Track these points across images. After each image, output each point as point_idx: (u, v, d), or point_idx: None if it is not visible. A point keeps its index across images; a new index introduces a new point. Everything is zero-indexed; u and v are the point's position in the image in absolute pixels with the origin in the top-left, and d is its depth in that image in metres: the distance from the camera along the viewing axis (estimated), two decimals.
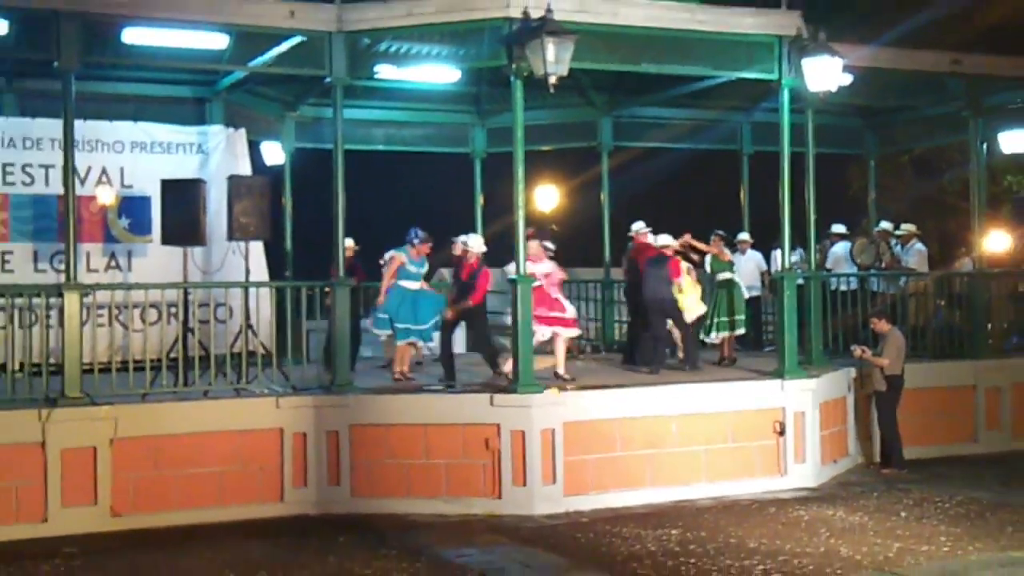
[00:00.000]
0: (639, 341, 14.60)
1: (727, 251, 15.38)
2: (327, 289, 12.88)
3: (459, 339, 15.63)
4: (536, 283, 12.51)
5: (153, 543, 10.53)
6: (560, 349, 13.32)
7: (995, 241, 19.27)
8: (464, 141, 18.39)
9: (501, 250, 13.34)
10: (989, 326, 15.99)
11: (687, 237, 14.96)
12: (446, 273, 15.73)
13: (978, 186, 16.10)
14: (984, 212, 16.26)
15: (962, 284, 16.21)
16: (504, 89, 12.89)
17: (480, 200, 18.19)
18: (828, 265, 16.56)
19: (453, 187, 19.65)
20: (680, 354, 14.49)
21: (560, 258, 13.93)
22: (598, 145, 18.04)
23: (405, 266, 13.37)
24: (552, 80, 11.39)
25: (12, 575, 9.46)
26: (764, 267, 16.96)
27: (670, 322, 14.20)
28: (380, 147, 18.01)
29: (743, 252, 17.01)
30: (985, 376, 15.33)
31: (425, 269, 13.78)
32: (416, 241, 13.47)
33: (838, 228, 17.21)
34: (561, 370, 13.12)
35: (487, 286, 13.42)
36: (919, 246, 17.00)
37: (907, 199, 24.31)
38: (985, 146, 16.97)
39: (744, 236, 17.36)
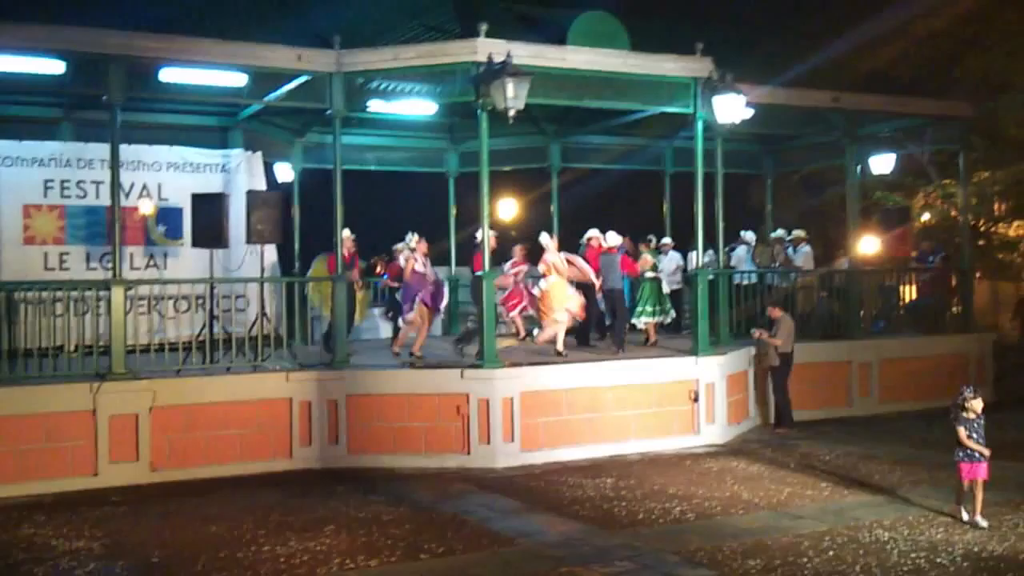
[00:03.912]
0: (607, 326, 14.70)
1: (648, 256, 15.33)
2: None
3: (436, 324, 15.71)
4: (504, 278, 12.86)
5: (185, 492, 10.48)
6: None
7: (866, 244, 19.39)
8: (440, 163, 18.29)
9: (470, 251, 13.26)
10: (861, 313, 16.07)
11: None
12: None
13: (853, 200, 16.14)
14: (858, 220, 16.29)
15: (840, 279, 16.25)
16: (472, 120, 12.79)
17: (453, 211, 18.15)
18: (732, 264, 16.52)
19: (431, 201, 19.61)
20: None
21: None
22: (548, 166, 18.04)
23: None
24: (511, 112, 11.36)
25: (70, 519, 9.38)
26: (682, 265, 16.93)
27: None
28: (372, 167, 17.93)
29: (666, 253, 16.98)
30: (858, 353, 15.40)
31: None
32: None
33: (748, 236, 17.16)
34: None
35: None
36: (806, 248, 17.00)
37: (797, 210, 24.40)
38: (859, 167, 17.06)
39: (667, 240, 17.36)
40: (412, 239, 13.15)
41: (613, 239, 14.58)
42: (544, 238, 13.64)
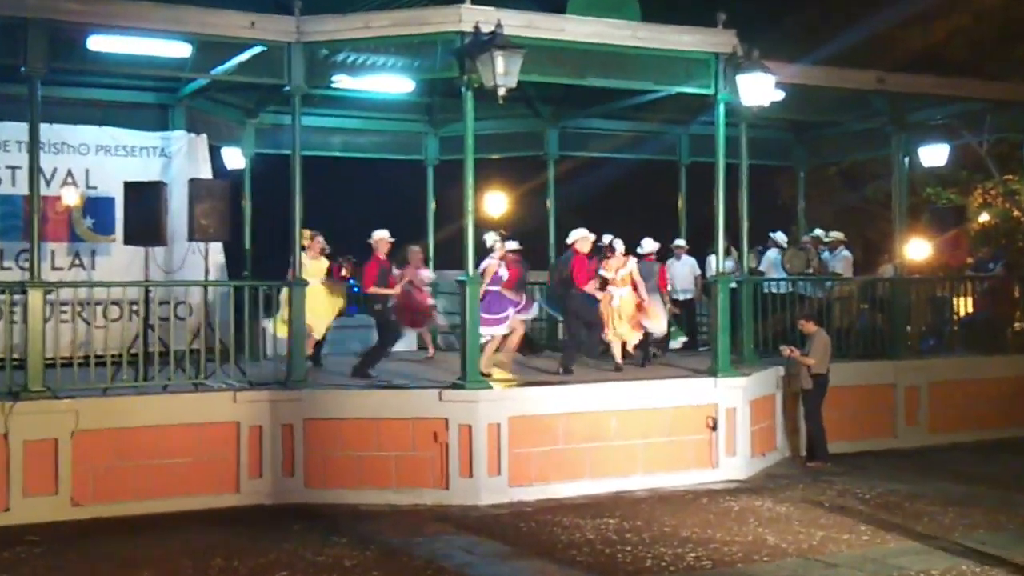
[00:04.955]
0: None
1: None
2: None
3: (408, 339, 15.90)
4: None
5: (112, 531, 10.40)
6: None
7: (915, 249, 19.46)
8: (417, 149, 18.33)
9: (452, 252, 13.33)
10: (908, 328, 16.16)
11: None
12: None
13: (899, 197, 16.25)
14: (905, 221, 16.40)
15: (884, 289, 16.30)
16: (456, 100, 12.87)
17: (432, 205, 18.18)
18: (762, 269, 16.63)
19: (407, 193, 19.65)
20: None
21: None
22: (544, 154, 18.06)
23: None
24: (501, 92, 11.36)
25: None
26: (698, 271, 17.01)
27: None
28: (337, 154, 17.93)
29: (678, 257, 17.07)
30: (904, 375, 15.45)
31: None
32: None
33: (778, 237, 17.25)
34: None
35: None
36: (845, 252, 17.16)
37: (834, 208, 24.55)
38: (907, 159, 17.14)
39: (680, 242, 17.43)
40: (494, 239, 13.59)
41: (650, 245, 14.78)
42: (619, 244, 13.89)
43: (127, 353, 11.85)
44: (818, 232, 17.51)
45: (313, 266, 13.81)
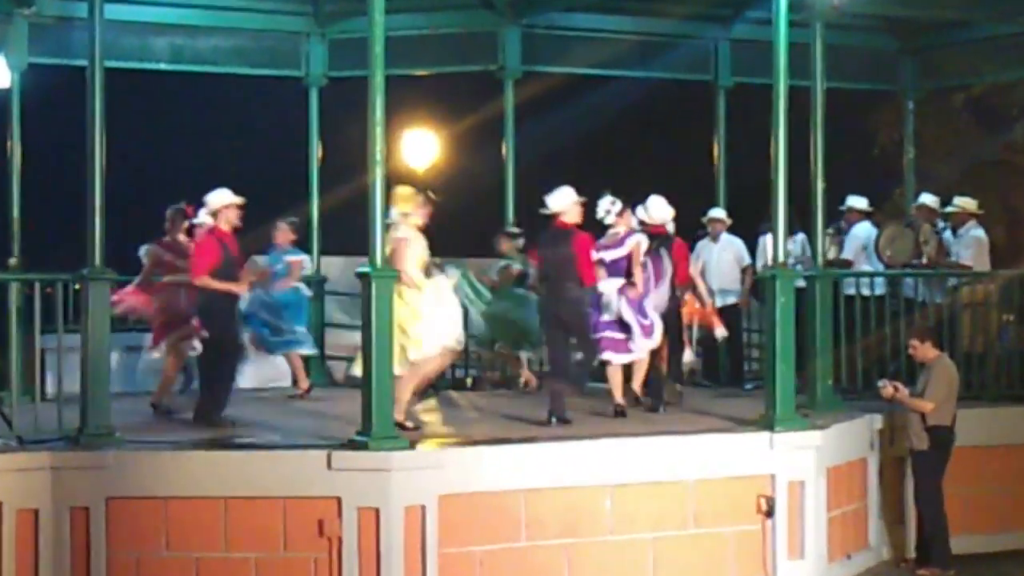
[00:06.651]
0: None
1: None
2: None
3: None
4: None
5: None
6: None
7: None
8: (293, 59, 18.45)
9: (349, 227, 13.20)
10: None
11: None
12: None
13: None
14: None
15: None
16: None
17: (318, 152, 18.24)
18: (847, 256, 16.75)
19: (275, 132, 19.51)
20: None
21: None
22: (499, 70, 18.14)
23: None
24: None
25: None
26: (747, 261, 17.15)
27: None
28: (163, 66, 17.98)
29: (715, 238, 17.25)
30: None
31: None
32: None
33: (857, 203, 17.31)
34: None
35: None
36: (977, 232, 17.11)
37: (962, 161, 24.56)
38: None
39: (718, 213, 17.53)
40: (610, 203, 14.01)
41: (659, 208, 14.83)
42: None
43: None
44: (927, 199, 17.53)
45: None
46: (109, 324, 12.53)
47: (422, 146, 24.49)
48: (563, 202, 13.91)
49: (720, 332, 15.68)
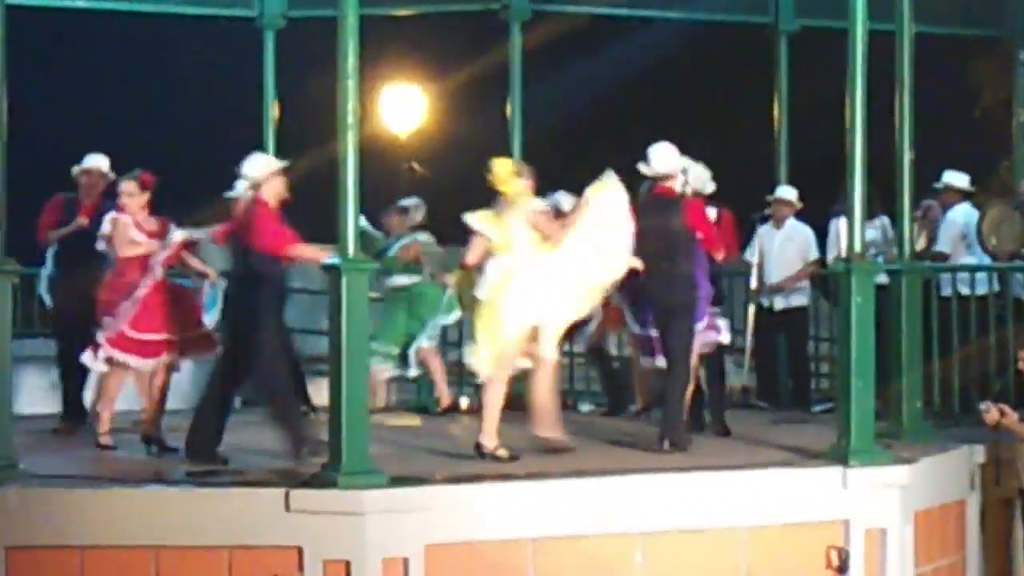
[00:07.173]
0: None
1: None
2: None
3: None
4: None
5: None
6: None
7: None
8: None
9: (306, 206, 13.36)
10: None
11: None
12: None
13: None
14: None
15: None
16: None
17: (273, 109, 18.23)
18: (941, 248, 16.64)
19: (222, 86, 19.63)
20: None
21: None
22: (503, 9, 18.25)
23: None
24: None
25: None
26: (813, 255, 17.02)
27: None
28: (81, 3, 18.08)
29: (779, 224, 17.21)
30: None
31: None
32: None
33: (956, 179, 17.19)
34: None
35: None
36: None
37: None
38: None
39: (787, 193, 17.42)
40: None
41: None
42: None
43: None
44: None
45: None
46: (10, 328, 12.50)
47: (405, 105, 25.40)
48: (671, 164, 14.03)
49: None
